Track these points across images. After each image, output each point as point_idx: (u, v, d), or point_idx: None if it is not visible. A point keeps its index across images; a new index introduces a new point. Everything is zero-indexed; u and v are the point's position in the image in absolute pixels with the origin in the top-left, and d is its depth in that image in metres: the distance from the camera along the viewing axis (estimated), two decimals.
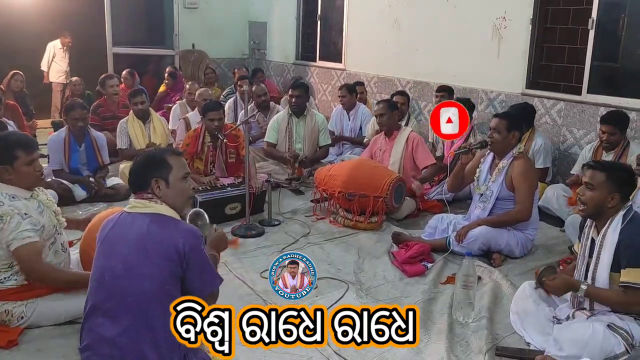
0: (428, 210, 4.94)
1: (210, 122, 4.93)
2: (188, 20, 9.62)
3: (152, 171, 2.33)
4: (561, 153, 5.52)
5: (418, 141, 4.95)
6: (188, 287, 2.22)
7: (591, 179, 2.75)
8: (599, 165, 2.78)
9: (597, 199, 2.73)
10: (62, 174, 4.99)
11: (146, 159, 2.38)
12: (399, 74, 7.30)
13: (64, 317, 2.89)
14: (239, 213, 4.63)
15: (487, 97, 6.17)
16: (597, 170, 2.75)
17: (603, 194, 2.72)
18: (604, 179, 2.72)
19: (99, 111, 6.46)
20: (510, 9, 5.82)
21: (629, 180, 2.79)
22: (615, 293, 2.69)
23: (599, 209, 2.75)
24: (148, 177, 2.32)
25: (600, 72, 5.34)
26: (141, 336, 2.10)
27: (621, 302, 2.68)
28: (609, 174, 2.72)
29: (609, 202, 2.72)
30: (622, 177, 2.75)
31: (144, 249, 2.16)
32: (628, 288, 2.63)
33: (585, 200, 2.77)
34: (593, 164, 2.81)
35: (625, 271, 2.63)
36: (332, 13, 8.59)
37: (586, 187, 2.77)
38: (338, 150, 6.58)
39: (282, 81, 9.50)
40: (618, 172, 2.76)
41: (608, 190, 2.71)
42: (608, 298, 2.72)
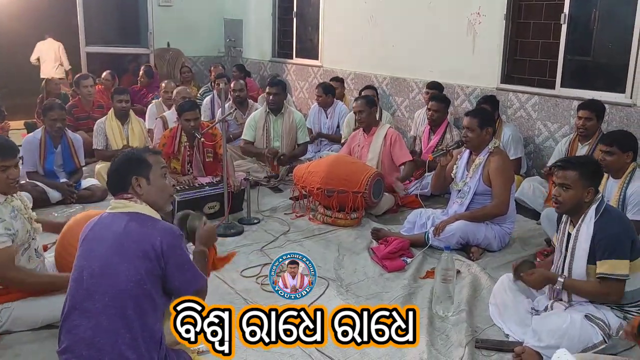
0: (407, 206, 4.98)
1: (186, 122, 4.89)
2: (162, 18, 9.51)
3: (131, 170, 2.32)
4: (536, 146, 5.59)
5: (396, 138, 4.98)
6: (169, 286, 2.20)
7: (565, 178, 2.79)
8: (570, 164, 2.82)
9: (574, 197, 2.78)
10: (37, 177, 4.91)
11: (125, 159, 2.37)
12: (375, 70, 7.32)
13: (41, 321, 2.84)
14: (217, 212, 4.61)
15: (463, 92, 6.22)
16: (568, 170, 2.79)
17: (579, 191, 2.76)
18: (577, 177, 2.76)
19: (73, 111, 6.37)
20: (485, 4, 5.87)
21: (598, 171, 2.86)
22: (592, 284, 2.74)
23: (576, 206, 2.80)
24: (128, 176, 2.31)
25: (573, 66, 5.41)
26: (119, 336, 2.07)
27: (597, 293, 2.73)
28: (581, 171, 2.77)
29: (586, 197, 2.77)
30: (593, 170, 2.81)
31: (120, 248, 2.14)
32: (604, 279, 2.68)
33: (562, 200, 2.81)
34: (563, 164, 2.84)
35: (601, 263, 2.68)
36: (308, 10, 8.57)
37: (561, 188, 2.81)
38: (316, 147, 6.59)
39: (259, 79, 9.46)
40: (588, 166, 2.81)
41: (583, 186, 2.76)
42: (584, 290, 2.77)
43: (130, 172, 2.31)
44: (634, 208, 3.62)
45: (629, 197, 3.64)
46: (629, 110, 4.83)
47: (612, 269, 2.64)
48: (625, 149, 3.63)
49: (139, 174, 2.31)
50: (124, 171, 2.33)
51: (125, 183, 2.31)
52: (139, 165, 2.33)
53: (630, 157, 3.66)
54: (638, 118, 4.77)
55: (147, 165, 2.34)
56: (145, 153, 2.40)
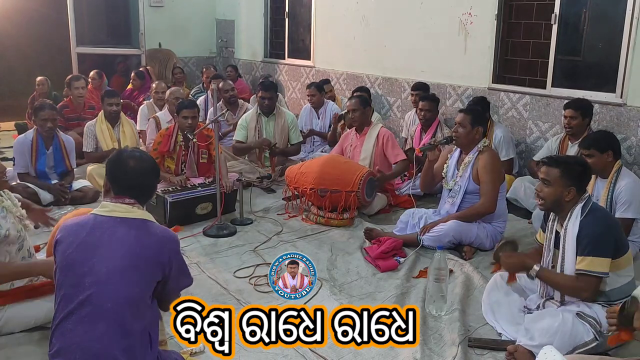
0: (399, 206, 4.99)
1: (184, 119, 4.87)
2: (154, 18, 9.48)
3: (156, 180, 2.36)
4: (527, 146, 5.62)
5: (388, 137, 4.98)
6: (165, 287, 2.20)
7: (546, 175, 2.82)
8: (553, 162, 2.84)
9: (554, 194, 2.80)
10: (28, 178, 4.88)
11: (152, 164, 2.37)
12: (367, 71, 7.33)
13: (34, 322, 2.83)
14: (210, 213, 4.60)
15: (455, 92, 6.24)
16: (551, 167, 2.82)
17: (559, 188, 2.79)
18: (558, 175, 2.79)
19: (63, 112, 6.33)
20: (476, 4, 5.90)
21: (583, 173, 2.86)
22: (567, 278, 2.76)
23: (556, 204, 2.83)
24: (155, 182, 2.35)
25: (563, 66, 5.45)
26: (115, 342, 2.06)
27: (571, 287, 2.75)
28: (563, 169, 2.79)
29: (566, 196, 2.79)
30: (577, 171, 2.82)
31: (130, 256, 2.12)
32: (581, 275, 2.70)
33: (543, 196, 2.84)
34: (547, 160, 2.88)
35: (580, 258, 2.70)
36: (300, 10, 8.57)
37: (543, 183, 2.84)
38: (309, 147, 6.59)
39: (251, 79, 9.45)
40: (572, 166, 2.83)
41: (564, 184, 2.78)
42: (558, 282, 2.80)
43: (157, 179, 2.35)
44: (622, 206, 3.67)
45: (616, 196, 3.69)
46: (619, 110, 4.87)
47: (590, 266, 2.66)
48: (603, 149, 3.70)
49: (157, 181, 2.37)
50: (153, 181, 2.35)
51: (152, 192, 2.35)
52: (158, 175, 2.39)
53: (610, 155, 3.72)
54: (628, 117, 4.81)
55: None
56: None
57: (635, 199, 3.68)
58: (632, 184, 3.71)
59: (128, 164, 2.27)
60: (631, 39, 4.73)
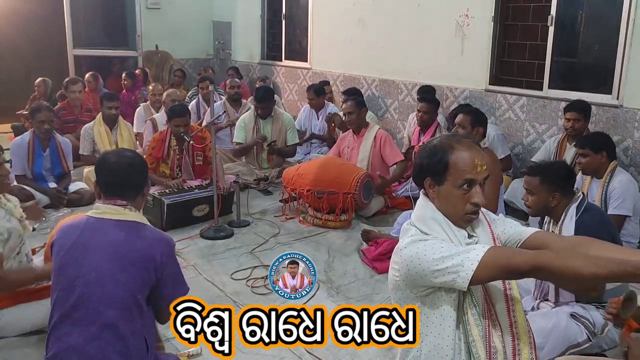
0: (397, 207, 4.99)
1: (176, 127, 4.85)
2: (150, 20, 9.48)
3: (145, 178, 2.33)
4: (524, 147, 5.63)
5: (386, 138, 4.98)
6: (159, 294, 2.19)
7: (528, 184, 2.86)
8: (532, 171, 2.88)
9: (538, 202, 2.83)
10: (25, 181, 4.87)
11: (135, 159, 2.34)
12: (364, 72, 7.33)
13: (31, 326, 2.82)
14: (207, 215, 4.59)
15: (452, 93, 6.25)
16: (531, 176, 2.86)
17: (543, 195, 2.81)
18: (539, 182, 2.81)
19: (60, 114, 6.32)
20: (473, 6, 5.91)
21: (565, 176, 2.86)
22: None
23: (544, 210, 2.86)
24: (144, 185, 2.31)
25: (560, 68, 5.46)
26: (110, 345, 2.06)
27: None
28: (542, 177, 2.81)
29: (552, 202, 2.81)
30: (558, 176, 2.82)
31: (119, 258, 2.11)
32: None
33: (529, 205, 2.89)
34: (528, 170, 2.91)
35: None
36: (297, 12, 8.58)
37: (527, 192, 2.88)
38: (306, 149, 6.60)
39: (248, 81, 9.45)
40: (551, 172, 2.83)
41: (547, 190, 2.80)
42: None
43: (145, 181, 2.32)
44: (614, 202, 3.70)
45: (609, 193, 3.73)
46: (616, 111, 4.88)
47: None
48: (597, 150, 3.74)
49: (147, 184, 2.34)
50: (139, 176, 2.31)
51: (139, 188, 2.30)
52: (147, 175, 2.36)
53: (605, 156, 3.76)
54: (625, 119, 4.82)
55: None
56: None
57: (628, 196, 3.70)
58: (625, 181, 3.75)
59: (110, 161, 2.28)
60: (627, 41, 4.74)
